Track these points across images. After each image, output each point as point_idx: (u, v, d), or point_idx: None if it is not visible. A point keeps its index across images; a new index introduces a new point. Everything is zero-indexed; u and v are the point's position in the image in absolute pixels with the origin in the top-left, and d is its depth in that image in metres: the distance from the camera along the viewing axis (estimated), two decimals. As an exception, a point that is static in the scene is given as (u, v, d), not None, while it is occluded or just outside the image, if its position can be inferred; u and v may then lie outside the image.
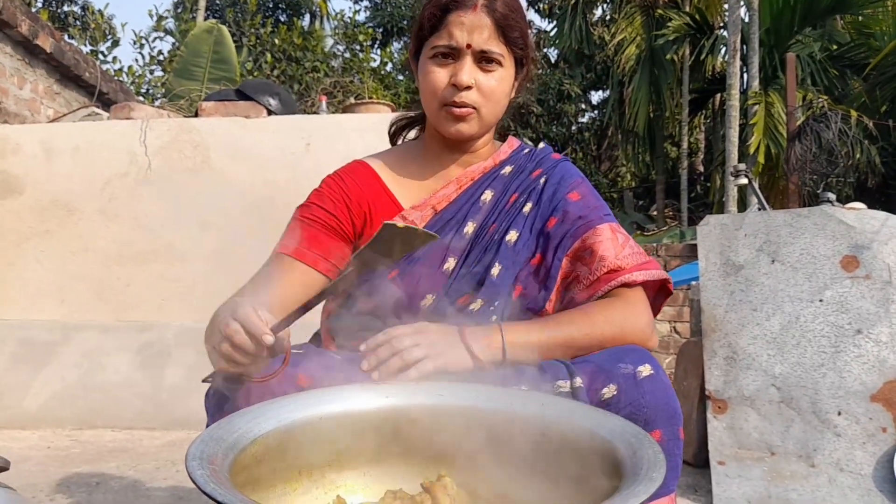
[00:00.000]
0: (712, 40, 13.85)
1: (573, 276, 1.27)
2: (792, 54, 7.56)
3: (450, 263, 1.25)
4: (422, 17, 1.27)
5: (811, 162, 7.77)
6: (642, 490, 0.62)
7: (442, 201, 1.30)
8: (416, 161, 1.37)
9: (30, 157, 3.79)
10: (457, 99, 1.23)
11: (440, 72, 1.24)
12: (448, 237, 1.26)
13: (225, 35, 7.96)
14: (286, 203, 3.93)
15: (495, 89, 1.25)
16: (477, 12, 1.21)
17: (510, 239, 1.26)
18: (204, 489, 0.59)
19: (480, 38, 1.21)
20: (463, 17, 1.21)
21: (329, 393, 0.88)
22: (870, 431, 2.15)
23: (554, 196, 1.31)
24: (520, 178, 1.33)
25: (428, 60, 1.25)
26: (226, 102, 3.97)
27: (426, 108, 1.30)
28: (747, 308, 2.31)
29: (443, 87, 1.24)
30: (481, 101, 1.24)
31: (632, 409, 1.05)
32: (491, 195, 1.30)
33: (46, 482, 2.37)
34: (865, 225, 2.24)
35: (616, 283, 1.23)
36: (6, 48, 4.95)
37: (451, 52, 1.23)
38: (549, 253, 1.27)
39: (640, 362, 1.10)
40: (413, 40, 1.31)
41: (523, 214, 1.29)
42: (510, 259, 1.25)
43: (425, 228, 1.21)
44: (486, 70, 1.23)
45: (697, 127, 18.27)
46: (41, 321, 3.64)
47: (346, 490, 0.88)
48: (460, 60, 1.22)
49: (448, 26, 1.22)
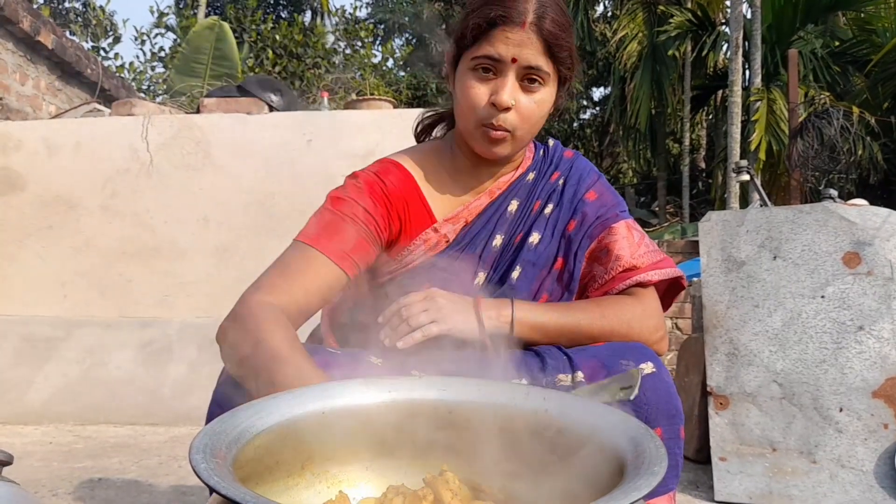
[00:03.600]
0: (714, 37, 13.84)
1: (590, 275, 1.28)
2: (794, 51, 7.54)
3: (480, 277, 1.25)
4: (464, 25, 1.19)
5: (813, 158, 7.76)
6: (644, 484, 0.62)
7: (473, 213, 1.28)
8: (448, 168, 1.31)
9: (32, 154, 3.80)
10: (494, 121, 1.17)
11: (480, 87, 1.17)
12: (478, 250, 1.25)
13: (226, 31, 7.96)
14: (288, 199, 3.95)
15: (534, 112, 1.19)
16: (525, 29, 1.14)
17: (532, 241, 1.26)
18: (208, 482, 0.59)
19: (527, 55, 1.15)
20: (510, 32, 1.14)
21: (332, 387, 0.88)
22: (871, 428, 2.15)
23: (574, 197, 1.30)
24: (541, 183, 1.31)
25: (468, 72, 1.19)
26: (227, 99, 3.97)
27: (461, 121, 1.24)
28: (749, 304, 2.31)
29: (481, 104, 1.17)
30: (518, 123, 1.18)
31: (632, 405, 1.05)
32: (517, 204, 1.29)
33: (49, 477, 2.37)
34: (867, 221, 2.24)
35: (631, 282, 1.24)
36: (8, 45, 4.95)
37: (493, 65, 1.16)
38: (570, 256, 1.27)
39: (642, 360, 1.11)
40: (452, 47, 1.24)
41: (545, 216, 1.28)
42: (530, 262, 1.25)
43: (456, 240, 1.25)
44: (529, 90, 1.17)
45: (699, 123, 18.27)
46: (43, 317, 3.65)
47: (349, 484, 0.88)
48: (503, 76, 1.16)
49: (493, 39, 1.15)
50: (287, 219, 3.59)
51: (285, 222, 3.58)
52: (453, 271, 1.23)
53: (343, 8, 16.18)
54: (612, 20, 17.37)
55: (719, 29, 14.03)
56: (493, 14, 1.15)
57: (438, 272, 1.22)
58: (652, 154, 17.11)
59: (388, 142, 3.54)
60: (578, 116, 19.90)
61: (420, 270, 1.24)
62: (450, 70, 1.27)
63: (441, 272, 1.22)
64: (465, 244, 1.25)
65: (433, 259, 1.24)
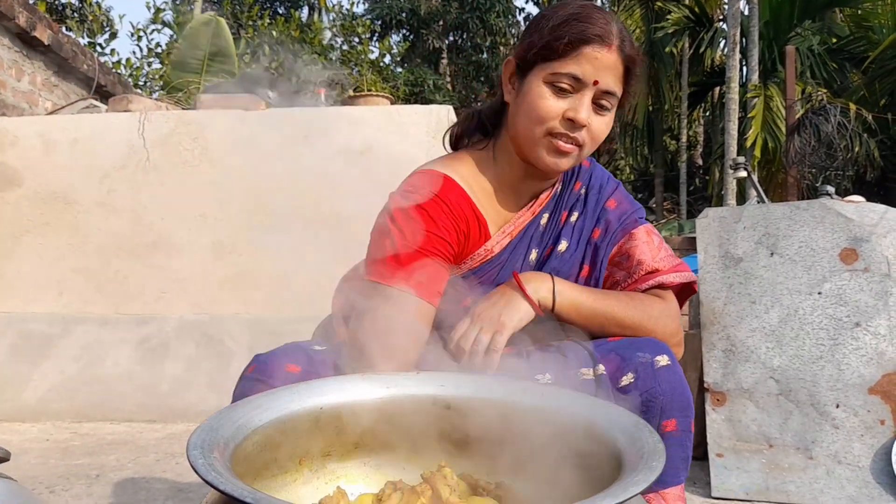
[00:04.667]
0: (711, 33, 13.85)
1: (611, 280, 1.32)
2: (791, 47, 7.55)
3: None
4: (551, 36, 1.17)
5: (810, 155, 7.77)
6: (642, 479, 0.62)
7: (518, 228, 1.30)
8: (493, 181, 1.30)
9: (28, 150, 3.79)
10: (569, 133, 1.17)
11: (555, 101, 1.17)
12: (518, 264, 1.28)
13: (223, 27, 7.93)
14: (285, 195, 3.93)
15: (602, 132, 1.21)
16: (612, 51, 1.15)
17: (560, 249, 1.30)
18: (206, 478, 0.59)
19: (608, 79, 1.16)
20: (598, 53, 1.14)
21: (330, 383, 0.88)
22: (868, 424, 2.15)
23: (596, 206, 1.33)
24: (566, 194, 1.34)
25: (543, 84, 1.17)
26: (224, 95, 3.97)
27: (523, 129, 1.21)
28: (746, 301, 2.32)
29: (554, 117, 1.17)
30: (588, 141, 1.20)
31: (647, 396, 1.08)
32: (547, 216, 1.32)
33: (46, 474, 2.37)
34: (864, 218, 2.24)
35: (654, 283, 1.28)
36: (4, 40, 4.93)
37: (573, 84, 1.16)
38: (596, 264, 1.30)
39: (658, 352, 1.13)
40: (523, 52, 1.21)
41: (570, 224, 1.31)
42: (555, 268, 1.28)
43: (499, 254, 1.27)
44: (600, 112, 1.19)
45: (696, 120, 18.29)
46: (40, 314, 3.64)
47: (347, 480, 0.89)
48: (581, 94, 1.16)
49: (581, 57, 1.14)
50: (284, 215, 3.58)
51: (282, 219, 3.57)
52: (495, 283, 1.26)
53: (340, 4, 16.13)
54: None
55: (717, 25, 14.04)
56: (588, 32, 1.15)
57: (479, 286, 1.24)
58: (649, 151, 17.12)
59: (386, 138, 3.54)
60: (576, 113, 19.90)
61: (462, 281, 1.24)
62: (512, 76, 1.25)
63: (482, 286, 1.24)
64: (504, 258, 1.28)
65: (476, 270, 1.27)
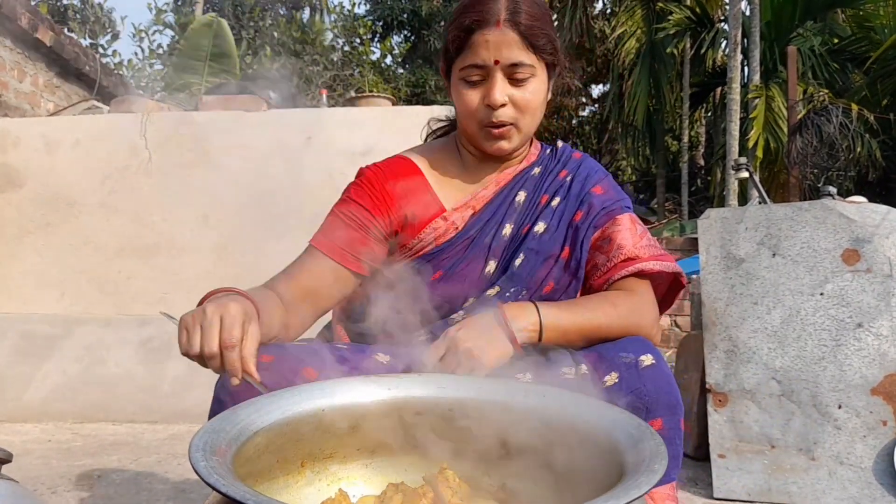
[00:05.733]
0: (713, 34, 13.82)
1: (591, 263, 1.31)
2: (793, 48, 7.55)
3: (491, 266, 1.28)
4: (447, 39, 1.25)
5: (812, 155, 7.77)
6: (644, 481, 0.62)
7: (480, 202, 1.31)
8: (455, 163, 1.37)
9: (30, 151, 3.79)
10: (494, 119, 1.23)
11: (472, 93, 1.23)
12: (488, 238, 1.28)
13: (224, 28, 7.94)
14: (286, 197, 3.94)
15: (530, 101, 1.23)
16: (501, 27, 1.18)
17: (538, 230, 1.29)
18: (207, 480, 0.59)
19: (508, 53, 1.19)
20: (487, 35, 1.19)
21: (332, 385, 0.88)
22: (870, 425, 2.15)
23: (581, 191, 1.33)
24: (549, 178, 1.35)
25: (459, 82, 1.24)
26: (226, 96, 3.97)
27: (464, 126, 1.30)
28: (748, 301, 2.31)
29: (477, 108, 1.23)
30: (518, 115, 1.24)
31: (633, 396, 1.07)
32: (524, 196, 1.32)
33: (48, 475, 2.37)
34: (866, 218, 2.24)
35: (632, 270, 1.27)
36: (6, 42, 4.94)
37: (480, 72, 1.21)
38: (577, 245, 1.29)
39: (642, 352, 1.12)
40: (442, 60, 1.30)
41: (551, 208, 1.31)
42: (534, 249, 1.28)
43: (465, 228, 1.28)
44: (519, 84, 1.22)
45: (698, 121, 18.26)
46: (42, 314, 3.64)
47: (349, 482, 0.89)
48: (491, 78, 1.21)
49: (473, 46, 1.20)
50: (286, 216, 3.58)
51: (284, 220, 3.57)
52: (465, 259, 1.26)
53: (341, 5, 16.13)
54: (610, 17, 17.34)
55: (718, 26, 14.01)
56: (468, 21, 1.20)
57: (447, 260, 1.26)
58: (651, 151, 17.09)
59: (387, 139, 3.54)
60: (577, 114, 19.88)
61: (430, 257, 1.27)
62: (445, 80, 1.32)
63: (450, 260, 1.26)
64: (474, 232, 1.28)
65: (443, 246, 1.27)
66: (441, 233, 1.28)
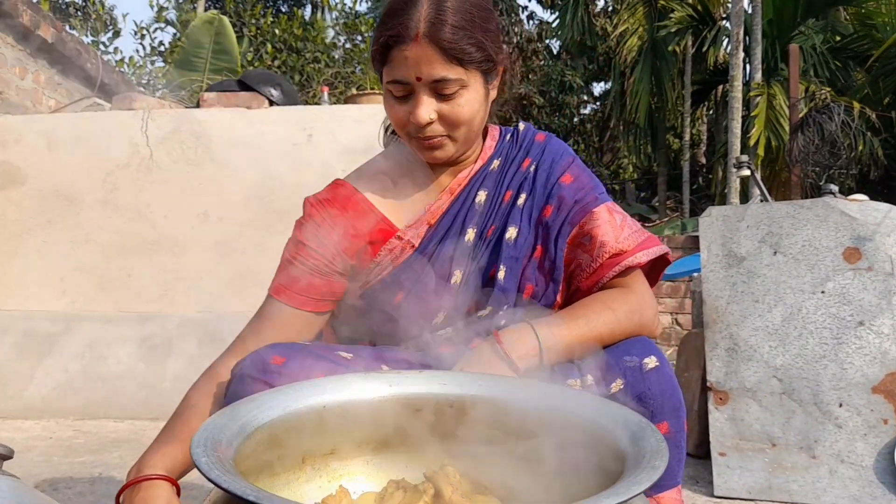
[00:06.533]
0: (715, 31, 13.81)
1: (574, 263, 1.24)
2: (795, 45, 7.53)
3: (457, 276, 1.21)
4: (373, 45, 1.17)
5: (813, 154, 7.76)
6: (645, 478, 0.62)
7: (435, 214, 1.24)
8: (404, 174, 1.29)
9: (32, 148, 3.79)
10: (421, 135, 1.16)
11: (399, 108, 1.16)
12: (448, 249, 1.21)
13: (226, 25, 7.94)
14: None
15: (461, 114, 1.14)
16: (419, 43, 1.08)
17: (510, 237, 1.22)
18: (209, 476, 0.59)
19: (429, 70, 1.10)
20: (406, 52, 1.09)
21: (333, 382, 0.88)
22: (871, 423, 2.15)
23: (547, 182, 1.25)
24: (510, 171, 1.27)
25: (387, 93, 1.17)
26: (227, 93, 3.96)
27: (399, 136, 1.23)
28: (749, 299, 2.31)
29: (404, 123, 1.17)
30: (448, 129, 1.16)
31: (638, 401, 1.06)
32: (485, 195, 1.25)
33: (49, 472, 2.38)
34: (868, 216, 2.23)
35: (621, 268, 1.21)
36: (7, 39, 4.94)
37: (404, 87, 1.13)
38: (549, 244, 1.22)
39: (646, 354, 1.10)
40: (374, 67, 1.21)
41: (518, 207, 1.24)
42: (512, 258, 1.21)
43: (422, 244, 1.23)
44: (447, 99, 1.13)
45: (700, 119, 18.25)
46: (44, 312, 3.65)
47: (349, 478, 0.89)
48: (416, 95, 1.13)
49: (393, 62, 1.12)
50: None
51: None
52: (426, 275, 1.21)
53: (343, 2, 16.11)
54: (612, 15, 17.33)
55: (720, 24, 14.00)
56: (383, 38, 1.12)
57: (408, 280, 1.21)
58: (652, 149, 17.09)
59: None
60: (579, 111, 19.86)
61: (390, 280, 1.22)
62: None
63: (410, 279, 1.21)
64: (432, 246, 1.23)
65: (402, 266, 1.22)
66: (398, 254, 1.23)
